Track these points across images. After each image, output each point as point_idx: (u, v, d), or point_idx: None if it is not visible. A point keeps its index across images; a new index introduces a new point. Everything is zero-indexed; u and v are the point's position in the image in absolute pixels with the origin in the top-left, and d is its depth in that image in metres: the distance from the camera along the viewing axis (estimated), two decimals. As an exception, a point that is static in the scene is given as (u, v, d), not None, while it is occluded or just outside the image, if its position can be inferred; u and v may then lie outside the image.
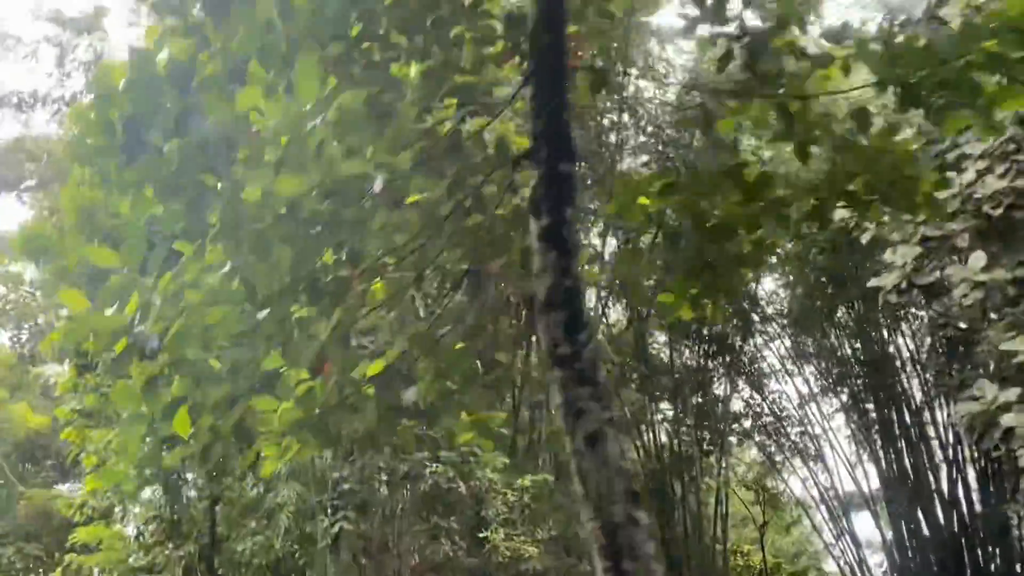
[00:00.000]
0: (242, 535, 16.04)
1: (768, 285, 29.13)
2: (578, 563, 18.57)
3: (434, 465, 16.57)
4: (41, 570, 26.46)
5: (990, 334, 18.83)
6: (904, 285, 14.46)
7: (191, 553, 15.52)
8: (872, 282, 15.56)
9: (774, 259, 26.11)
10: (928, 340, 23.20)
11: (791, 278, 26.97)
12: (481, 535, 17.72)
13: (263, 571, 16.03)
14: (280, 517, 16.76)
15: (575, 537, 18.50)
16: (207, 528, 15.89)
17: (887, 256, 15.41)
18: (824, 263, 24.94)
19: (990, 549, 25.47)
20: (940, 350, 22.22)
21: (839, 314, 27.77)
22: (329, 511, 16.10)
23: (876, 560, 28.56)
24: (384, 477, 17.30)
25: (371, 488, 17.37)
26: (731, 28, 5.74)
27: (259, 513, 16.25)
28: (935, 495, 26.27)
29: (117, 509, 16.66)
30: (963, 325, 20.84)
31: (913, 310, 24.61)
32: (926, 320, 23.00)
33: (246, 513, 16.31)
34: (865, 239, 15.07)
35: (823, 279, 26.35)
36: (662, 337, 29.88)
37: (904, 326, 26.60)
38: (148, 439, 4.95)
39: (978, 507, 25.58)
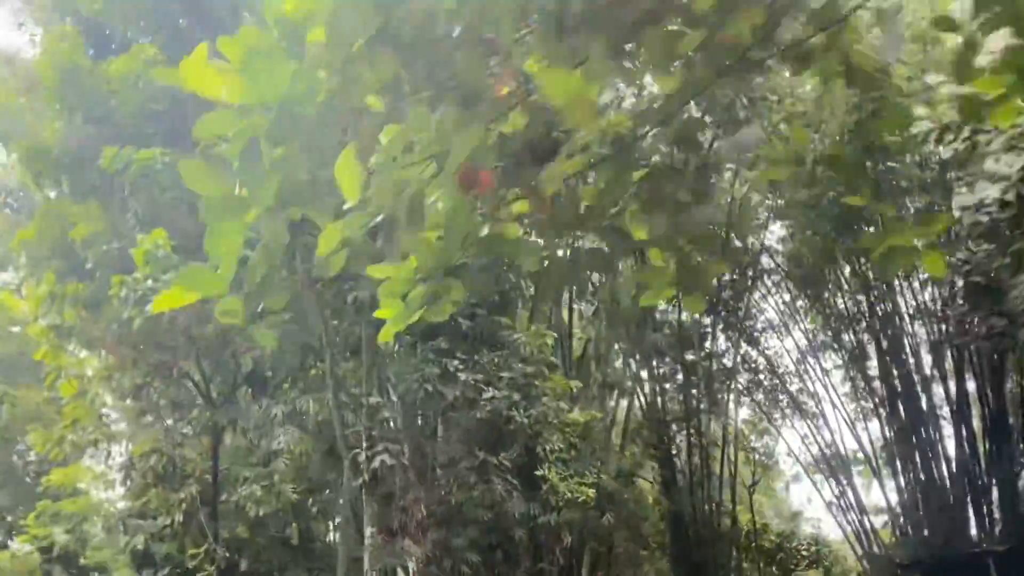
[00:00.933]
0: (248, 480, 14.74)
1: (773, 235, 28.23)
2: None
3: (492, 391, 15.28)
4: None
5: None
6: (1012, 196, 12.96)
7: (191, 495, 14.13)
8: (961, 200, 14.28)
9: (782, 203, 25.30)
10: (947, 289, 22.34)
11: (798, 224, 25.99)
12: (538, 473, 16.59)
13: (268, 521, 14.69)
14: (278, 463, 15.43)
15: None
16: (209, 468, 14.49)
17: (988, 166, 13.99)
18: (837, 209, 23.99)
19: (996, 507, 24.96)
20: (962, 299, 21.43)
21: (845, 268, 27.02)
22: (365, 443, 14.71)
23: (878, 520, 27.92)
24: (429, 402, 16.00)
25: (411, 415, 16.03)
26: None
27: (262, 454, 14.92)
28: (940, 452, 25.88)
29: (98, 449, 15.17)
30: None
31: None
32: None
33: (250, 453, 15.01)
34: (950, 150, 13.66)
35: (831, 227, 25.44)
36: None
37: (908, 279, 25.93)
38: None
39: (983, 464, 25.15)
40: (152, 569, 15.95)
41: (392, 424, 15.79)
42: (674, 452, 25.34)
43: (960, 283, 21.38)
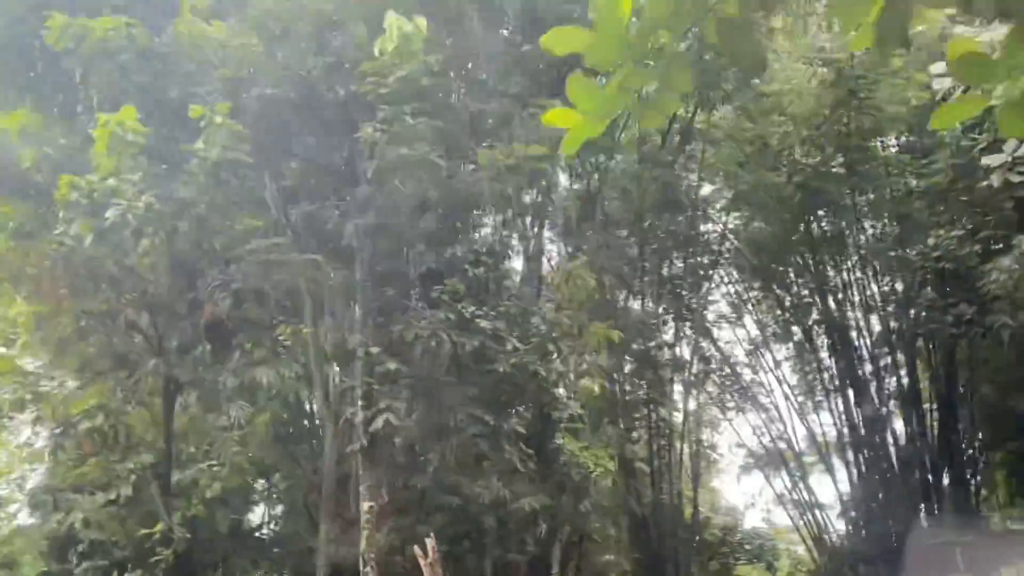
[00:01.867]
0: (208, 452, 12.98)
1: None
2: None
3: (514, 342, 13.82)
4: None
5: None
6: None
7: (142, 466, 12.25)
8: (991, 159, 13.57)
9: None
10: (910, 279, 22.05)
11: (757, 211, 25.42)
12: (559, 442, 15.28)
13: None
14: (228, 441, 13.70)
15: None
16: (162, 437, 12.61)
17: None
18: (800, 195, 23.43)
19: (946, 495, 24.89)
20: (931, 287, 21.12)
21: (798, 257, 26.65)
22: (361, 400, 13.06)
23: (831, 511, 27.63)
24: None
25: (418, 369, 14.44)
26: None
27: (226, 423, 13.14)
28: (892, 445, 25.72)
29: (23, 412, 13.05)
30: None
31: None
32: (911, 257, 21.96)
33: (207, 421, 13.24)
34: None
35: (788, 215, 24.90)
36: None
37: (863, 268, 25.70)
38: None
39: (935, 456, 25.05)
40: (75, 560, 14.05)
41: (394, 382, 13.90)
42: (631, 442, 24.37)
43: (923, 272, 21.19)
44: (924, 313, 21.22)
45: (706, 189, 25.77)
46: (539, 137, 13.43)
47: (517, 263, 18.66)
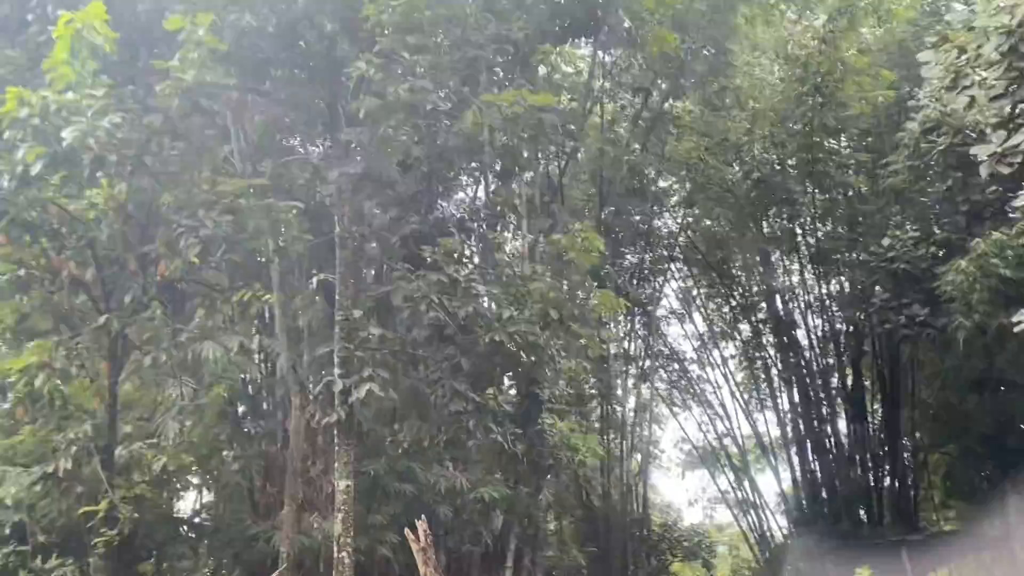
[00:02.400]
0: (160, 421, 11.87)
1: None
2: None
3: (511, 310, 12.98)
4: None
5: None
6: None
7: (85, 436, 11.05)
8: (982, 149, 13.45)
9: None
10: (863, 279, 22.04)
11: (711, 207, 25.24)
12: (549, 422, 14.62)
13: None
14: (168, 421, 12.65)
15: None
16: (105, 407, 11.42)
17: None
18: (755, 192, 23.31)
19: (886, 495, 25.16)
20: (883, 287, 21.15)
21: (751, 253, 26.63)
22: (338, 369, 12.00)
23: (774, 509, 27.71)
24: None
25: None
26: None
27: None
28: (835, 443, 25.89)
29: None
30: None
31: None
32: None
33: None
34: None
35: (743, 212, 24.76)
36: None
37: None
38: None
39: (878, 455, 25.33)
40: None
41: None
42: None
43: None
44: (877, 313, 21.26)
45: (666, 181, 25.50)
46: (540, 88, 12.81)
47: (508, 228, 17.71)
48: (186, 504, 17.11)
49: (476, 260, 15.05)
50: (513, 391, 15.23)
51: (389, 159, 12.30)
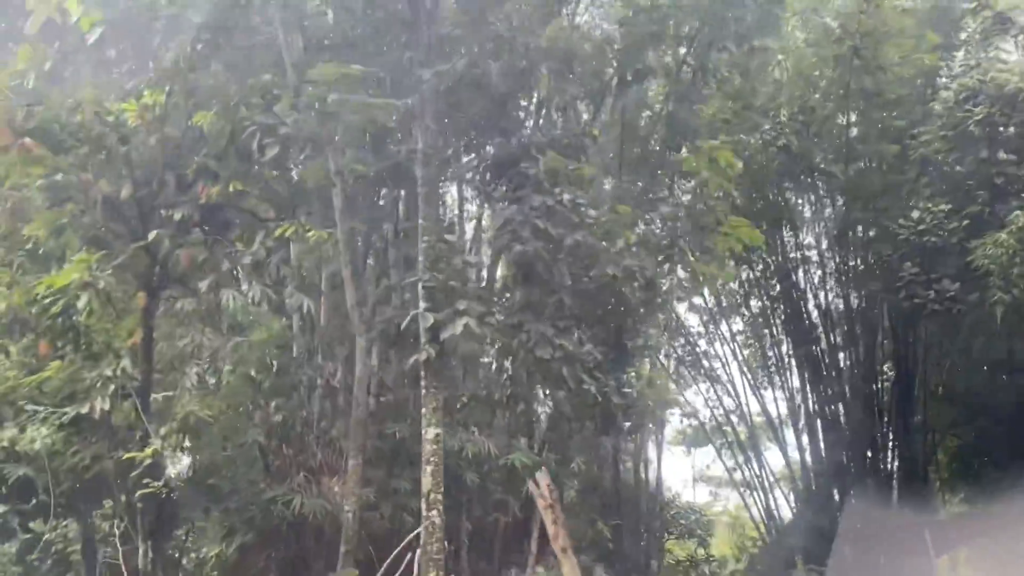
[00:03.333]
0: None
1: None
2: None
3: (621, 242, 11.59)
4: None
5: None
6: None
7: (124, 373, 10.01)
8: None
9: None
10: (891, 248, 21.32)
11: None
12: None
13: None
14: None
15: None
16: (142, 334, 10.33)
17: None
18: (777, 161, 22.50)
19: (896, 478, 24.71)
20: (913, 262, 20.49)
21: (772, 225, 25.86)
22: (423, 303, 10.70)
23: (781, 487, 27.18)
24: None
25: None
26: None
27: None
28: (844, 421, 25.37)
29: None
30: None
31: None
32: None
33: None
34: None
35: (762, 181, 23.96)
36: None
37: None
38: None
39: (889, 434, 24.85)
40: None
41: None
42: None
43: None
44: (905, 288, 20.62)
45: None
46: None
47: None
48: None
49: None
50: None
51: (478, 70, 11.15)
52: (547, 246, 11.14)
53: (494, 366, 13.42)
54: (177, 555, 13.79)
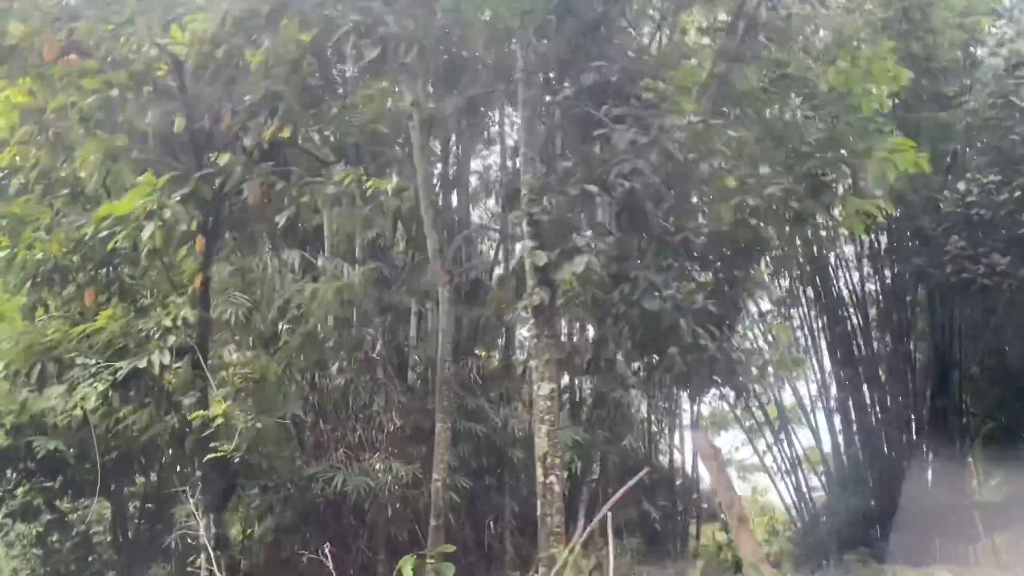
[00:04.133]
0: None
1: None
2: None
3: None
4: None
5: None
6: None
7: (185, 322, 9.03)
8: None
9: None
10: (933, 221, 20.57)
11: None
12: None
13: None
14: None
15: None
16: (196, 290, 9.21)
17: None
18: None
19: (931, 463, 24.00)
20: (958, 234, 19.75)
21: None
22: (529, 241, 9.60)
23: (815, 472, 26.51)
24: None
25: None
26: None
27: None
28: (879, 406, 24.71)
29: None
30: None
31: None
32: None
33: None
34: None
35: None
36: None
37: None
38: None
39: (926, 418, 24.14)
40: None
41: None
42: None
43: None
44: (951, 262, 19.89)
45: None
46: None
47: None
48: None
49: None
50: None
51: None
52: (667, 176, 10.11)
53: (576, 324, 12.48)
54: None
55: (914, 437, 24.25)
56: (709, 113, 11.14)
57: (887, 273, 24.57)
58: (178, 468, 10.62)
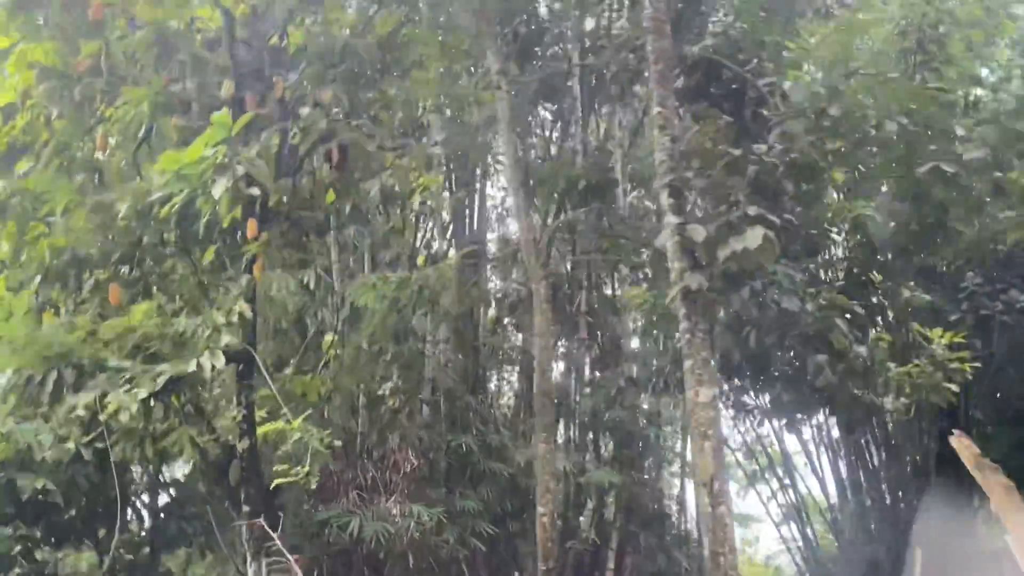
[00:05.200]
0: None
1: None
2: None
3: None
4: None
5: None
6: None
7: (239, 318, 7.79)
8: None
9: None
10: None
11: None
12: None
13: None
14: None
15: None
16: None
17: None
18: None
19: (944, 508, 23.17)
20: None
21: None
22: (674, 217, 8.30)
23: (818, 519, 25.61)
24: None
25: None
26: None
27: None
28: (884, 446, 23.93)
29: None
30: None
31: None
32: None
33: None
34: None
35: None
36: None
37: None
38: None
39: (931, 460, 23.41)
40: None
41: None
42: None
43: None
44: (968, 299, 19.37)
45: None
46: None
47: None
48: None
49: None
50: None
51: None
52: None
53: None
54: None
55: (920, 484, 23.56)
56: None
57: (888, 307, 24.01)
58: (190, 509, 9.29)
